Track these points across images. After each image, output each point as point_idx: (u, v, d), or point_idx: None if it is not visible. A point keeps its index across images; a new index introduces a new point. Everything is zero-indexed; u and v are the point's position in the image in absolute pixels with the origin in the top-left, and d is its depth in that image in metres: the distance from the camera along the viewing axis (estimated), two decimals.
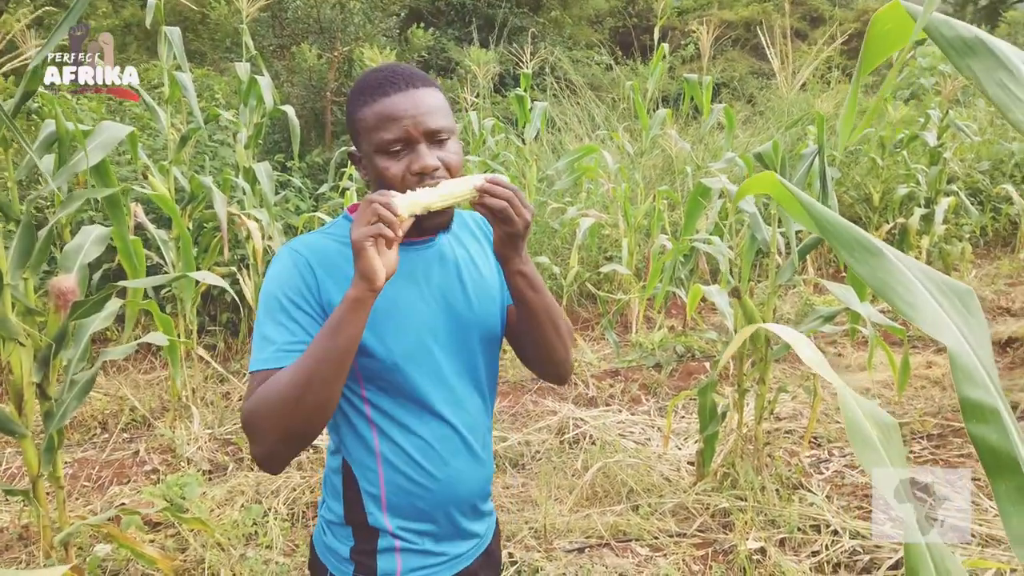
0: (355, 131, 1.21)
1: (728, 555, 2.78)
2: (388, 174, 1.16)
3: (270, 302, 1.17)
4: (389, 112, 1.15)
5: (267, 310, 1.17)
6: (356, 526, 1.25)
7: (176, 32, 3.86)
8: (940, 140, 7.01)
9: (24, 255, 2.28)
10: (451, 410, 1.25)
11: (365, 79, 1.20)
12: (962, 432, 3.85)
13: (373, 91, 1.17)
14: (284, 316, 1.15)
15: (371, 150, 1.17)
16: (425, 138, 1.16)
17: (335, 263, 1.19)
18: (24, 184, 4.88)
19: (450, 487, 1.26)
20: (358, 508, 1.24)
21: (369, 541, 1.24)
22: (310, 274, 1.17)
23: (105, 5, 9.69)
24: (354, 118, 1.20)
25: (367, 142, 1.18)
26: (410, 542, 1.25)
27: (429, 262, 1.28)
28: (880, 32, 0.86)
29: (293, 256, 1.19)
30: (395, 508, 1.24)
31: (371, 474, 1.23)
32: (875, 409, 0.95)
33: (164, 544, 2.86)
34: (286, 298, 1.16)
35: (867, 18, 14.45)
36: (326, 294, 1.17)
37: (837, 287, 2.70)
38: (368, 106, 1.17)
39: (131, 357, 4.83)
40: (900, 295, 0.83)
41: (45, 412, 2.36)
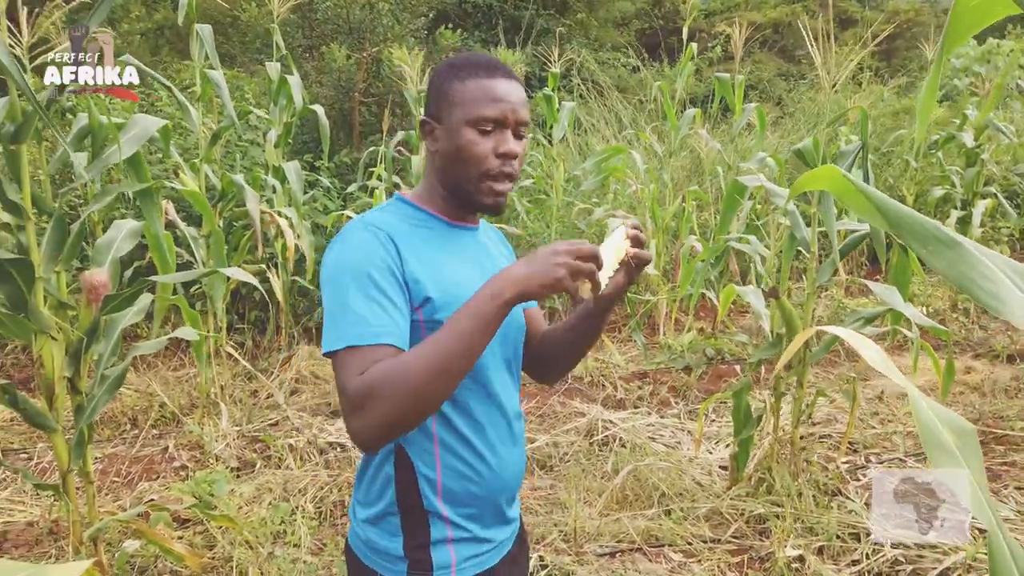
0: (446, 99, 1.21)
1: (765, 562, 2.71)
2: (475, 149, 1.19)
3: (359, 278, 1.12)
4: (495, 92, 1.19)
5: (357, 286, 1.12)
6: (407, 512, 1.21)
7: (207, 29, 3.87)
8: (978, 141, 6.86)
9: (56, 249, 2.28)
10: (504, 393, 1.27)
11: (470, 57, 1.24)
12: (1005, 439, 3.73)
13: (480, 68, 1.21)
14: (377, 292, 1.12)
15: (463, 120, 1.19)
16: (514, 127, 1.21)
17: (407, 237, 1.20)
18: (57, 181, 4.93)
19: (500, 472, 1.26)
20: (413, 492, 1.21)
21: (421, 532, 1.21)
22: (393, 248, 1.16)
23: (138, 8, 9.81)
24: (450, 87, 1.21)
25: (460, 112, 1.19)
26: (462, 528, 1.23)
27: (479, 246, 1.33)
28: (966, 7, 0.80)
29: (372, 232, 1.17)
30: (449, 493, 1.22)
31: (428, 456, 1.21)
32: (949, 414, 0.89)
33: (192, 541, 2.85)
34: (378, 273, 1.13)
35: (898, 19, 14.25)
36: (407, 266, 1.16)
37: (879, 287, 2.62)
38: (473, 79, 1.20)
39: (161, 354, 4.86)
40: (983, 287, 0.78)
41: (76, 406, 2.36)
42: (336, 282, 1.14)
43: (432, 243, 1.23)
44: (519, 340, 1.36)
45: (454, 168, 1.22)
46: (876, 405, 4.23)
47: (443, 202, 1.28)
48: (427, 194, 1.29)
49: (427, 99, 1.27)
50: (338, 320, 1.11)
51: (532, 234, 5.90)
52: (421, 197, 1.30)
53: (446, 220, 1.28)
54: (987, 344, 5.19)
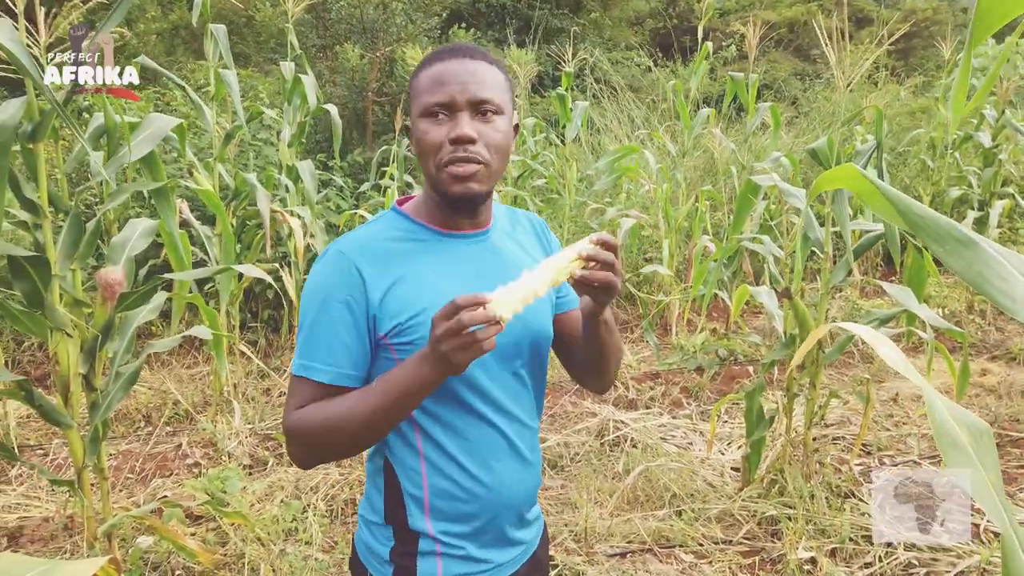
0: (411, 98, 1.19)
1: (776, 564, 2.70)
2: (426, 139, 1.13)
3: (319, 306, 1.16)
4: (440, 75, 1.12)
5: (315, 314, 1.16)
6: (397, 527, 1.22)
7: (222, 29, 3.89)
8: (995, 141, 6.79)
9: (72, 247, 2.29)
10: (499, 412, 1.21)
11: (437, 49, 1.19)
12: (1021, 442, 3.70)
13: (432, 58, 1.16)
14: (330, 327, 1.14)
15: (417, 114, 1.15)
16: (469, 107, 1.12)
17: (383, 260, 1.16)
18: (74, 179, 4.98)
19: (497, 492, 1.21)
20: (399, 509, 1.21)
21: (409, 543, 1.20)
22: (358, 280, 1.14)
23: (154, 8, 9.88)
24: (410, 84, 1.20)
25: (416, 105, 1.16)
26: (452, 547, 1.20)
27: (483, 255, 1.23)
28: (991, 2, 0.79)
29: (339, 259, 1.16)
30: (438, 511, 1.19)
31: (414, 475, 1.19)
32: (965, 413, 0.88)
33: (205, 537, 2.86)
34: (335, 307, 1.14)
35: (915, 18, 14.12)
36: (373, 293, 1.14)
37: (894, 288, 2.60)
38: (423, 70, 1.16)
39: (175, 352, 4.89)
40: (999, 288, 0.77)
41: (91, 403, 2.38)
42: (304, 303, 1.19)
43: (416, 258, 1.18)
44: (536, 350, 1.27)
45: (421, 163, 1.17)
46: (891, 407, 4.20)
47: (435, 208, 1.21)
48: (422, 203, 1.24)
49: None
50: (300, 345, 1.17)
51: None
52: (417, 207, 1.24)
53: (437, 230, 1.21)
54: (1003, 346, 5.14)
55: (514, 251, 1.27)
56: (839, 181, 0.89)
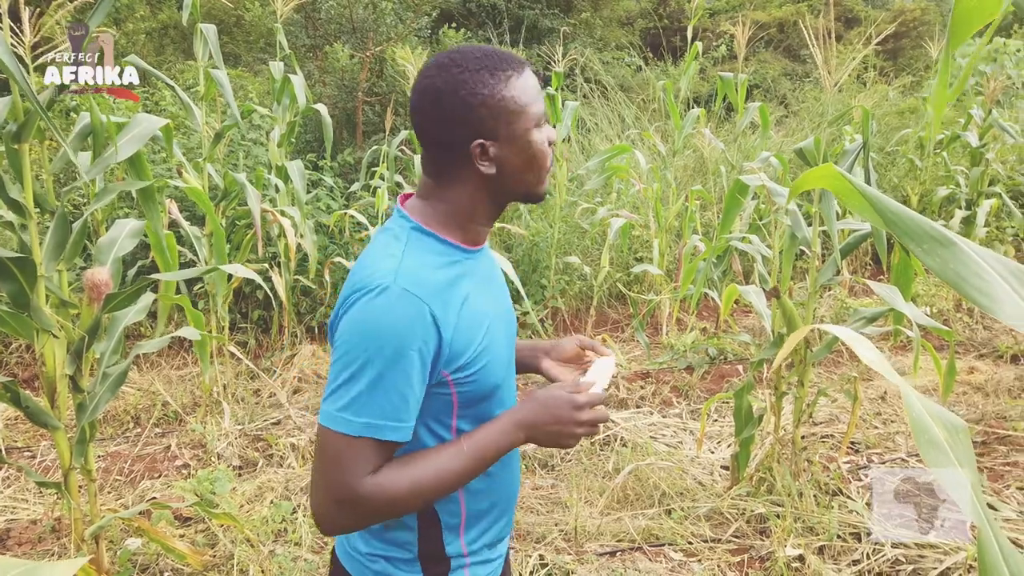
0: (500, 112, 1.06)
1: (765, 562, 2.71)
2: (544, 147, 1.12)
3: (388, 357, 1.01)
4: (536, 85, 1.10)
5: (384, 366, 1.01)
6: (427, 558, 1.17)
7: (212, 29, 3.88)
8: (983, 141, 6.84)
9: (58, 247, 2.28)
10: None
11: (488, 56, 1.08)
12: (1007, 439, 3.72)
13: (512, 65, 1.08)
14: (403, 381, 1.02)
15: (531, 125, 1.09)
16: None
17: (445, 297, 1.07)
18: (62, 180, 4.95)
19: (512, 486, 1.26)
20: (436, 541, 1.17)
21: (442, 566, 1.18)
22: (431, 325, 1.03)
23: (143, 8, 9.83)
24: (500, 96, 1.06)
25: (523, 119, 1.07)
26: (478, 554, 1.21)
27: (488, 268, 1.23)
28: (967, 7, 0.80)
29: (410, 303, 1.02)
30: (471, 531, 1.20)
31: (453, 506, 1.16)
32: (942, 411, 0.89)
33: (194, 539, 2.86)
34: (408, 358, 1.02)
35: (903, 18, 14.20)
36: (446, 333, 1.05)
37: (881, 287, 2.62)
38: (517, 80, 1.07)
39: (164, 353, 4.87)
40: (976, 287, 0.78)
41: (78, 405, 2.36)
42: (358, 351, 1.02)
43: (460, 284, 1.10)
44: None
45: (524, 177, 1.11)
46: (879, 405, 4.22)
47: (467, 224, 1.14)
48: (452, 220, 1.13)
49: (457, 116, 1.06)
50: (352, 399, 1.02)
51: (535, 233, 5.90)
52: (441, 224, 1.13)
53: (468, 248, 1.15)
54: (991, 344, 5.18)
55: (489, 256, 1.29)
56: (819, 181, 0.90)
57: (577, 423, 1.07)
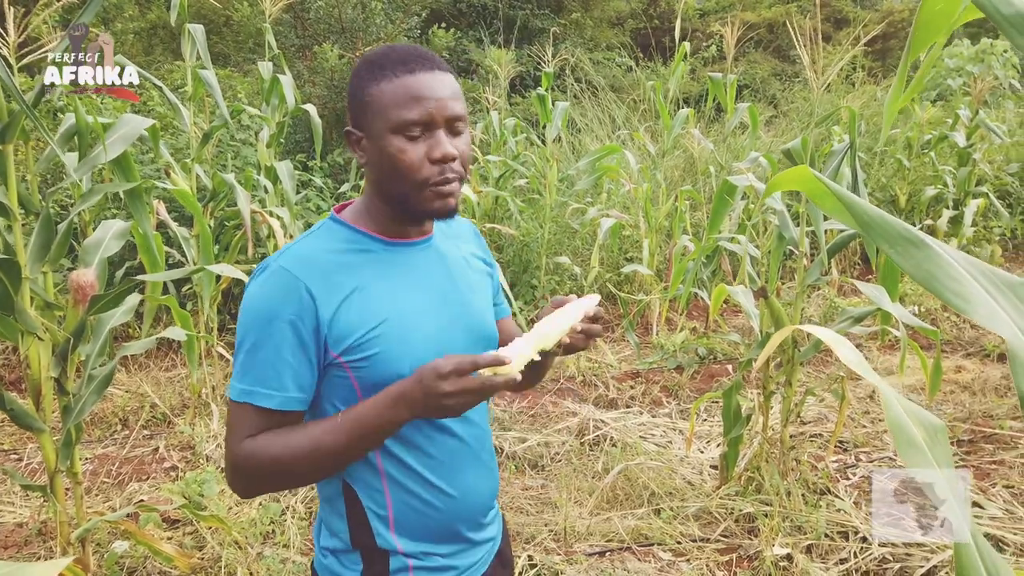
0: (364, 107, 1.10)
1: (753, 561, 2.72)
2: (405, 158, 1.08)
3: (262, 328, 1.08)
4: (414, 90, 1.07)
5: (258, 336, 1.08)
6: (364, 549, 1.18)
7: (200, 29, 3.86)
8: (970, 141, 6.88)
9: (43, 249, 2.27)
10: (458, 422, 1.19)
11: (383, 53, 1.11)
12: (993, 438, 3.75)
13: (395, 66, 1.08)
14: (276, 350, 1.07)
15: (385, 129, 1.08)
16: (446, 124, 1.10)
17: (332, 277, 1.10)
18: (49, 181, 4.92)
19: (462, 503, 1.21)
20: (365, 530, 1.17)
21: (380, 563, 1.17)
22: (308, 299, 1.08)
23: (132, 8, 9.78)
24: (365, 91, 1.10)
25: (381, 119, 1.08)
26: (422, 559, 1.18)
27: (429, 262, 1.22)
28: (931, 13, 0.81)
29: (283, 277, 1.08)
30: (403, 527, 1.17)
31: (377, 495, 1.16)
32: (920, 411, 0.90)
33: (182, 541, 2.84)
34: (280, 329, 1.07)
35: (892, 19, 14.27)
36: (324, 311, 1.09)
37: (868, 287, 2.63)
38: (388, 80, 1.08)
39: (153, 354, 4.85)
40: (949, 288, 0.79)
41: (63, 407, 2.35)
42: (243, 322, 1.10)
43: (365, 270, 1.13)
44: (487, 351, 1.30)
45: (389, 182, 1.11)
46: (867, 404, 4.24)
47: (383, 217, 1.17)
48: (365, 210, 1.18)
49: (348, 105, 1.15)
50: (237, 368, 1.10)
51: (526, 234, 5.91)
52: (358, 214, 1.19)
53: (384, 239, 1.17)
54: (978, 343, 5.21)
55: (455, 254, 1.28)
56: (792, 183, 0.90)
57: (442, 393, 1.01)
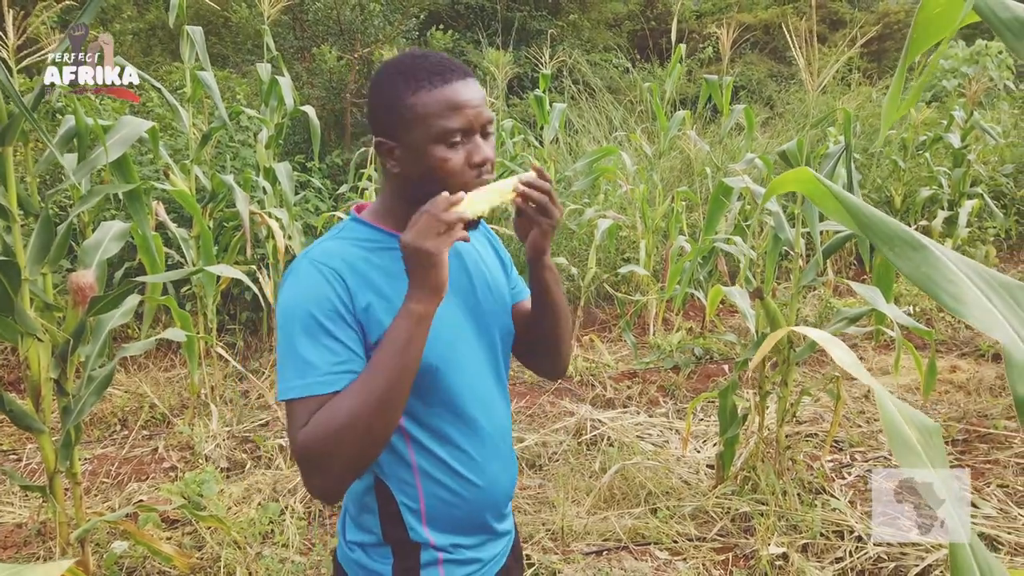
0: (402, 117, 1.11)
1: (749, 560, 2.73)
2: (448, 165, 1.10)
3: (305, 320, 1.08)
4: (454, 100, 1.09)
5: (303, 329, 1.07)
6: (396, 543, 1.19)
7: (198, 31, 3.87)
8: (964, 142, 6.91)
9: (43, 250, 2.28)
10: (484, 413, 1.22)
11: (414, 63, 1.12)
12: (988, 438, 3.77)
13: (431, 76, 1.10)
14: (324, 335, 1.07)
15: (426, 139, 1.09)
16: (482, 130, 1.13)
17: (361, 270, 1.13)
18: (48, 182, 4.92)
19: (488, 493, 1.23)
20: (398, 525, 1.18)
21: (411, 557, 1.19)
22: (342, 285, 1.10)
23: (130, 8, 9.77)
24: (404, 103, 1.10)
25: (421, 130, 1.09)
26: (451, 552, 1.21)
27: (449, 258, 1.23)
28: (929, 16, 0.82)
29: (318, 268, 1.11)
30: (434, 520, 1.19)
31: (409, 488, 1.18)
32: (915, 412, 0.91)
33: (181, 541, 2.85)
34: (324, 315, 1.08)
35: (888, 20, 14.30)
36: (360, 303, 1.10)
37: (862, 288, 2.65)
38: (427, 91, 1.09)
39: (152, 355, 4.86)
40: (946, 290, 0.80)
41: (63, 408, 2.36)
42: (284, 324, 1.10)
43: (388, 267, 1.15)
44: (507, 346, 1.32)
45: (427, 189, 1.09)
46: (862, 404, 4.26)
47: (400, 216, 1.16)
48: (387, 211, 1.20)
49: (375, 113, 1.16)
50: (287, 367, 1.08)
51: None
52: (379, 215, 1.20)
53: None
54: (973, 343, 5.24)
55: (469, 250, 1.30)
56: (792, 184, 0.91)
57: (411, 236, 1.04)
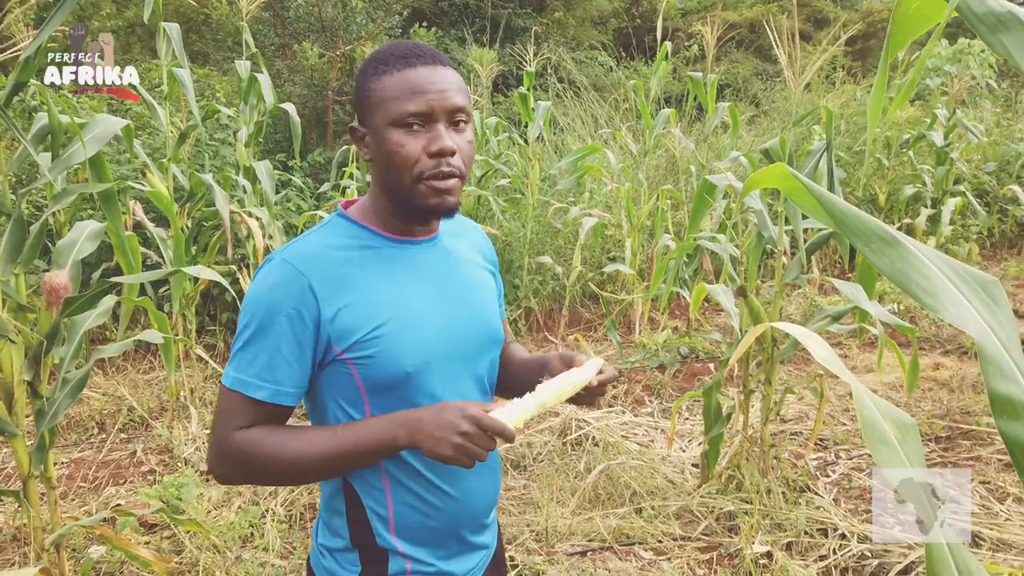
0: (366, 102, 1.11)
1: (734, 559, 2.73)
2: (402, 152, 1.07)
3: (262, 318, 1.08)
4: (413, 83, 1.07)
5: (256, 326, 1.09)
6: (363, 549, 1.17)
7: (175, 28, 3.82)
8: (947, 140, 6.95)
9: (15, 250, 2.23)
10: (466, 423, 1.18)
11: (386, 50, 1.12)
12: (971, 435, 3.79)
13: (396, 61, 1.09)
14: (268, 340, 1.08)
15: (385, 122, 1.08)
16: (446, 117, 1.09)
17: (336, 274, 1.10)
18: (24, 181, 4.85)
19: (464, 504, 1.20)
20: (365, 530, 1.16)
21: (379, 565, 1.16)
22: (307, 294, 1.08)
23: (109, 6, 9.67)
24: (367, 87, 1.11)
25: (381, 113, 1.09)
26: (421, 563, 1.17)
27: (435, 260, 1.21)
28: (907, 12, 0.81)
29: (286, 272, 1.09)
30: (403, 529, 1.16)
31: (377, 493, 1.15)
32: (892, 409, 0.90)
33: (159, 546, 2.81)
34: (278, 319, 1.08)
35: (872, 19, 14.39)
36: (327, 313, 1.09)
37: (846, 285, 2.65)
38: (388, 75, 1.09)
39: (130, 357, 4.80)
40: (920, 285, 0.79)
41: (37, 411, 2.31)
42: (243, 314, 1.12)
43: (369, 267, 1.13)
44: (493, 351, 1.27)
45: (388, 175, 1.11)
46: (847, 402, 4.27)
47: (387, 215, 1.17)
48: (371, 207, 1.18)
49: (353, 102, 1.19)
50: (235, 356, 1.11)
51: (508, 233, 5.90)
52: (364, 211, 1.19)
53: (388, 236, 1.17)
54: (956, 340, 5.27)
55: (462, 253, 1.27)
56: (770, 180, 0.90)
57: (457, 430, 1.02)
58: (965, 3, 0.80)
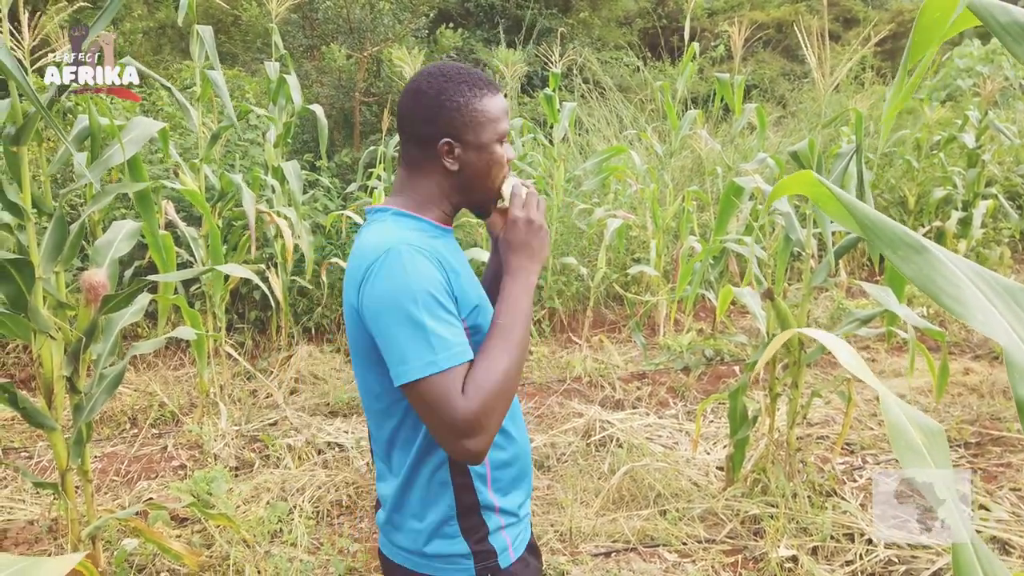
0: (473, 120, 1.26)
1: (759, 563, 2.72)
2: (503, 162, 1.31)
3: (425, 301, 1.15)
4: (504, 107, 1.31)
5: (425, 309, 1.15)
6: (465, 513, 1.28)
7: (208, 31, 3.89)
8: (979, 142, 6.85)
9: (56, 249, 2.30)
10: None
11: (471, 74, 1.29)
12: (1001, 441, 3.74)
13: (488, 86, 1.29)
14: (445, 312, 1.17)
15: (492, 139, 1.28)
16: None
17: (443, 255, 1.25)
18: (60, 182, 4.96)
19: (525, 446, 1.37)
20: (470, 492, 1.28)
21: (480, 527, 1.29)
22: (444, 272, 1.22)
23: (140, 7, 9.83)
24: (474, 107, 1.27)
25: (489, 131, 1.28)
26: (510, 515, 1.32)
27: (457, 244, 1.40)
28: (929, 20, 0.82)
29: (424, 254, 1.20)
30: (497, 482, 1.31)
31: None
32: (919, 414, 0.91)
33: (190, 539, 2.87)
34: (440, 294, 1.18)
35: (902, 19, 14.20)
36: (454, 285, 1.23)
37: (874, 288, 2.63)
38: (490, 99, 1.28)
39: (161, 354, 4.89)
40: (948, 292, 0.80)
41: (75, 405, 2.38)
42: (401, 310, 1.15)
43: (451, 253, 1.30)
44: None
45: (483, 183, 1.31)
46: (874, 406, 4.24)
47: (441, 212, 1.32)
48: (424, 205, 1.31)
49: (428, 117, 1.26)
50: (418, 346, 1.13)
51: None
52: (422, 208, 1.31)
53: (440, 226, 1.33)
54: (986, 345, 5.20)
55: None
56: (796, 187, 0.91)
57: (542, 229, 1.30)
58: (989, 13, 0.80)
